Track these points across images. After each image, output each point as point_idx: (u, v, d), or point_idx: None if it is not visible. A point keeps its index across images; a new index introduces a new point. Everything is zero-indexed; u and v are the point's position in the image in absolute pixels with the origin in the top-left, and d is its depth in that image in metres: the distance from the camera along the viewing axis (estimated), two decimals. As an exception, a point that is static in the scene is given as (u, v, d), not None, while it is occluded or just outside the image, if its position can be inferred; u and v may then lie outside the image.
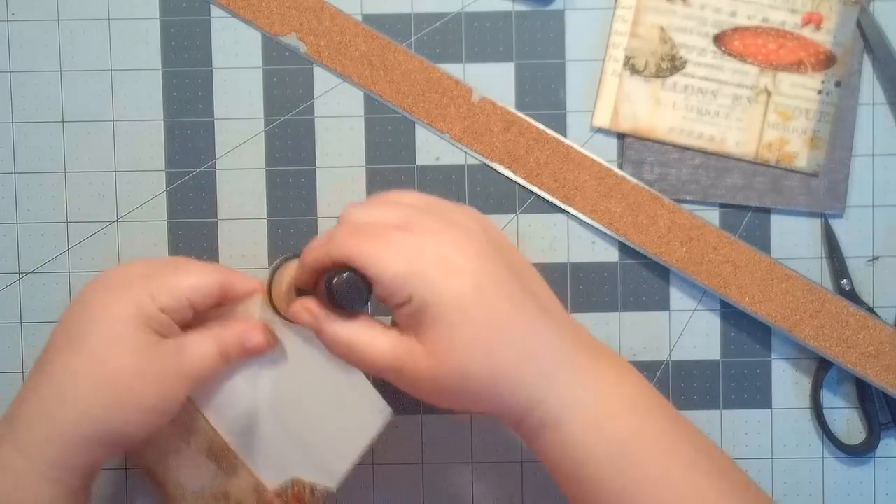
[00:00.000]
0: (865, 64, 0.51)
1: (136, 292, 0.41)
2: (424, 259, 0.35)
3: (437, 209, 0.38)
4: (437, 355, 0.36)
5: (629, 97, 0.51)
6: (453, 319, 0.35)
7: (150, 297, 0.41)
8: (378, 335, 0.37)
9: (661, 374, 0.52)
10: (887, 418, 0.51)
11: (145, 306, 0.40)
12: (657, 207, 0.51)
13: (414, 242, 0.36)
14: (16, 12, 0.52)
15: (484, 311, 0.35)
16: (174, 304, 0.41)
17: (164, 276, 0.42)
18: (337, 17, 0.51)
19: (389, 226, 0.37)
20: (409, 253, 0.36)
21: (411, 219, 0.37)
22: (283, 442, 0.44)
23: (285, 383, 0.44)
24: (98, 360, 0.40)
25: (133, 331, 0.40)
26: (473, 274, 0.36)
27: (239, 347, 0.43)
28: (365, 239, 0.36)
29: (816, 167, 0.51)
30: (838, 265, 0.51)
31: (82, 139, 0.52)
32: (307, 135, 0.52)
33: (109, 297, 0.41)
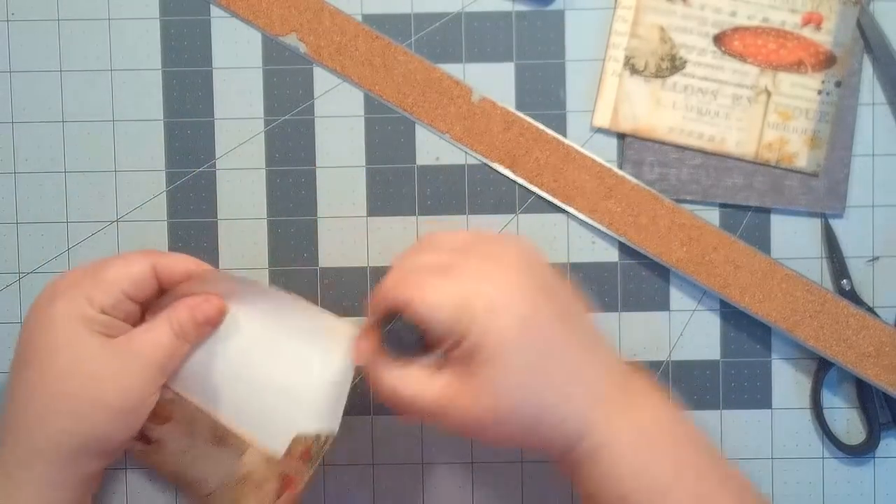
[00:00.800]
0: (865, 64, 0.51)
1: (73, 298, 0.41)
2: (469, 302, 0.36)
3: (480, 247, 0.39)
4: (483, 397, 0.36)
5: (629, 97, 0.51)
6: (500, 362, 0.36)
7: (86, 299, 0.41)
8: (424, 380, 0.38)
9: (661, 374, 0.52)
10: (887, 418, 0.51)
11: (84, 309, 0.40)
12: (657, 207, 0.51)
13: (458, 286, 0.37)
14: (16, 12, 0.52)
15: (529, 354, 0.36)
16: (111, 299, 0.41)
17: (95, 275, 0.42)
18: (337, 17, 0.51)
19: (434, 271, 0.37)
20: (454, 297, 0.36)
21: (455, 262, 0.38)
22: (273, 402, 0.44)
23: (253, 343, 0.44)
24: (52, 373, 0.40)
25: (79, 337, 0.40)
26: (518, 315, 0.36)
27: (192, 322, 0.42)
28: (409, 286, 0.37)
29: (816, 167, 0.51)
30: (838, 265, 0.51)
31: (82, 139, 0.52)
32: (307, 135, 0.52)
33: (52, 307, 0.41)
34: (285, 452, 0.44)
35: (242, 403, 0.44)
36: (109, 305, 0.41)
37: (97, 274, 0.42)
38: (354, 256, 0.52)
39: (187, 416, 0.44)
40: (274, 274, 0.52)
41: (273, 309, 0.44)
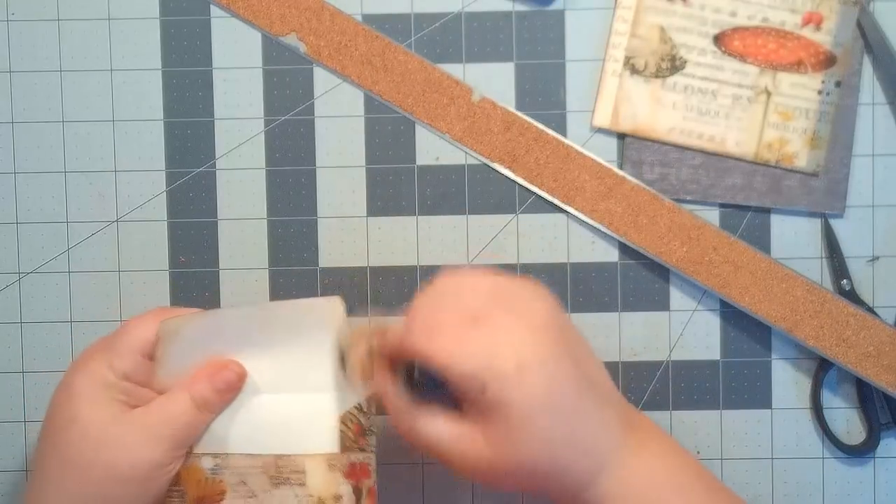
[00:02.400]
0: (865, 64, 0.51)
1: (94, 367, 0.41)
2: (499, 357, 0.36)
3: (505, 298, 0.39)
4: (499, 448, 0.37)
5: (629, 97, 0.51)
6: (521, 419, 0.36)
7: (107, 367, 0.41)
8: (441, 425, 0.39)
9: (661, 374, 0.52)
10: (887, 418, 0.51)
11: (105, 377, 0.41)
12: (657, 207, 0.51)
13: (486, 340, 0.37)
14: (16, 12, 0.52)
15: (550, 412, 0.37)
16: (130, 363, 0.41)
17: (112, 342, 0.42)
18: (337, 17, 0.51)
19: (461, 321, 0.37)
20: (482, 351, 0.36)
21: (482, 313, 0.38)
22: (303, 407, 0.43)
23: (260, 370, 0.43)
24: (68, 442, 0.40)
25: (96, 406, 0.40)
26: (547, 378, 0.37)
27: (213, 390, 0.42)
28: (438, 338, 0.37)
29: (816, 167, 0.51)
30: (838, 265, 0.51)
31: (82, 139, 0.52)
32: (307, 135, 0.52)
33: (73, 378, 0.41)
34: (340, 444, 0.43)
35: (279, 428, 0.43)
36: (129, 370, 0.41)
37: (114, 340, 0.42)
38: (354, 256, 0.52)
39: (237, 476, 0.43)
40: (274, 274, 0.52)
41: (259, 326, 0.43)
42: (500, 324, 0.37)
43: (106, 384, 0.41)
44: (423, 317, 0.39)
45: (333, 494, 0.43)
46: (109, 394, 0.41)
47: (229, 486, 0.42)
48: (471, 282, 0.40)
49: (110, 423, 0.40)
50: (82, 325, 0.52)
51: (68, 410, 0.41)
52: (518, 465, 0.37)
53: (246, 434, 0.43)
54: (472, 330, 0.37)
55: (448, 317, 0.38)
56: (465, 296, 0.39)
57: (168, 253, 0.52)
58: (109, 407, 0.40)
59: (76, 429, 0.40)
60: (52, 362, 0.52)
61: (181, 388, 0.42)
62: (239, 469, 0.43)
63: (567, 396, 0.37)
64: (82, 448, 0.40)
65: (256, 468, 0.43)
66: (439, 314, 0.38)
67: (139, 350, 0.42)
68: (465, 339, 0.37)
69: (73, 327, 0.52)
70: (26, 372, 0.52)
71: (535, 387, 0.36)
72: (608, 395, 0.40)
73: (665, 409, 0.52)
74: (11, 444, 0.52)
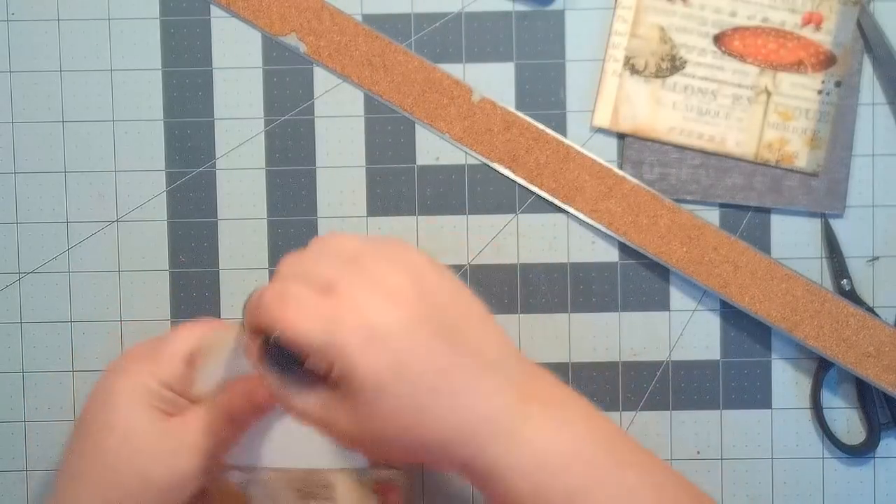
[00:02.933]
0: (865, 64, 0.51)
1: (136, 373, 0.41)
2: (344, 330, 0.34)
3: (367, 263, 0.36)
4: (358, 421, 0.35)
5: (629, 97, 0.51)
6: (372, 394, 0.34)
7: (149, 373, 0.41)
8: (309, 398, 0.36)
9: (661, 374, 0.52)
10: (887, 418, 0.51)
11: (148, 384, 0.41)
12: (657, 207, 0.51)
13: (335, 310, 0.34)
14: (16, 12, 0.52)
15: (405, 385, 0.34)
16: (174, 372, 0.42)
17: (157, 349, 0.42)
18: (337, 17, 0.51)
19: (313, 288, 0.35)
20: (328, 322, 0.34)
21: (337, 279, 0.35)
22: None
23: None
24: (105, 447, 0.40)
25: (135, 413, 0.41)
26: (395, 349, 0.34)
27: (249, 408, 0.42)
28: (286, 306, 0.35)
29: (816, 167, 0.51)
30: (838, 265, 0.51)
31: (82, 139, 0.52)
32: (307, 135, 0.52)
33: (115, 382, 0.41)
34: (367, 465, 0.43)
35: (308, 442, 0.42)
36: (172, 378, 0.41)
37: (158, 348, 0.42)
38: (354, 256, 0.52)
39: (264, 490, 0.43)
40: (274, 274, 0.52)
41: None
42: (350, 292, 0.35)
43: (148, 391, 0.41)
44: (278, 284, 0.36)
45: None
46: (149, 400, 0.41)
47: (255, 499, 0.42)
48: (341, 242, 0.37)
49: (148, 431, 0.40)
50: (82, 325, 0.52)
51: (108, 415, 0.41)
52: (381, 437, 0.35)
53: (275, 448, 0.43)
54: (320, 302, 0.35)
55: (299, 287, 0.36)
56: (324, 262, 0.36)
57: (168, 253, 0.52)
58: (148, 415, 0.41)
59: (116, 435, 0.40)
60: (52, 362, 0.52)
61: (218, 403, 0.42)
62: (266, 483, 0.43)
63: (424, 366, 0.34)
64: (120, 455, 0.40)
65: (284, 482, 0.43)
66: (293, 283, 0.36)
67: (182, 359, 0.42)
68: (311, 309, 0.35)
69: (73, 327, 0.52)
70: (26, 372, 0.52)
71: (381, 359, 0.34)
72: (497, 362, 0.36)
73: (665, 409, 0.52)
74: (11, 444, 0.52)
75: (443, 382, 0.35)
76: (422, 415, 0.35)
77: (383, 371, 0.34)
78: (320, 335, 0.34)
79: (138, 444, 0.40)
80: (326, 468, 0.43)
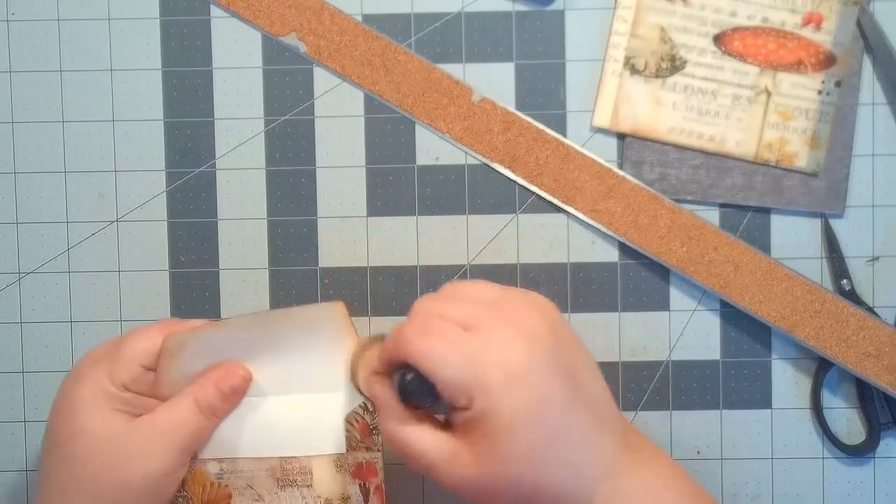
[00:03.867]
0: (865, 64, 0.51)
1: (94, 378, 0.41)
2: (487, 367, 0.35)
3: (505, 305, 0.38)
4: (485, 464, 0.36)
5: (629, 97, 0.51)
6: (508, 434, 0.35)
7: (108, 377, 0.41)
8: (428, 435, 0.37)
9: (661, 374, 0.52)
10: (887, 418, 0.51)
11: (106, 388, 0.40)
12: (657, 207, 0.51)
13: (477, 346, 0.35)
14: (16, 12, 0.52)
15: (539, 429, 0.35)
16: (130, 375, 0.41)
17: (113, 352, 0.42)
18: (337, 17, 0.51)
19: (455, 324, 0.36)
20: (472, 358, 0.35)
21: (477, 318, 0.37)
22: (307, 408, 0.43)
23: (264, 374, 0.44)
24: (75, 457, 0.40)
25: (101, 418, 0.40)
26: (533, 388, 0.35)
27: (219, 395, 0.42)
28: (429, 339, 0.36)
29: (816, 167, 0.51)
30: (838, 265, 0.51)
31: (82, 139, 0.52)
32: (307, 135, 0.52)
33: (75, 389, 0.41)
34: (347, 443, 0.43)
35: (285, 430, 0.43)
36: (130, 380, 0.41)
37: (115, 351, 0.42)
38: (354, 256, 0.52)
39: (243, 480, 0.43)
40: (274, 274, 0.52)
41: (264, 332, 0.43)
42: (492, 333, 0.36)
43: (107, 394, 0.40)
44: (419, 319, 0.38)
45: (341, 494, 0.43)
46: (111, 404, 0.40)
47: (235, 489, 0.42)
48: (473, 290, 0.39)
49: (116, 434, 0.40)
50: (82, 325, 0.52)
51: (71, 423, 0.40)
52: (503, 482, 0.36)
53: (251, 437, 0.43)
54: (463, 336, 0.36)
55: (442, 321, 0.37)
56: (464, 302, 0.38)
57: (168, 253, 0.52)
58: (113, 418, 0.40)
59: (81, 442, 0.40)
60: (52, 362, 0.52)
61: (186, 394, 0.42)
62: (245, 472, 0.43)
63: (556, 412, 0.36)
64: (90, 461, 0.40)
65: (263, 471, 0.43)
66: (435, 318, 0.37)
67: (140, 362, 0.41)
68: (455, 345, 0.36)
69: (73, 327, 0.52)
70: (26, 372, 0.52)
71: (521, 400, 0.35)
72: (605, 416, 0.38)
73: (665, 409, 0.52)
74: (11, 444, 0.52)
75: (569, 431, 0.36)
76: (548, 462, 0.35)
77: (522, 413, 0.35)
78: (463, 370, 0.35)
79: (108, 448, 0.40)
80: (303, 455, 0.43)
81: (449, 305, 0.38)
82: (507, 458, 0.35)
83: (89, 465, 0.40)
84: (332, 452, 0.43)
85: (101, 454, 0.40)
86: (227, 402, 0.42)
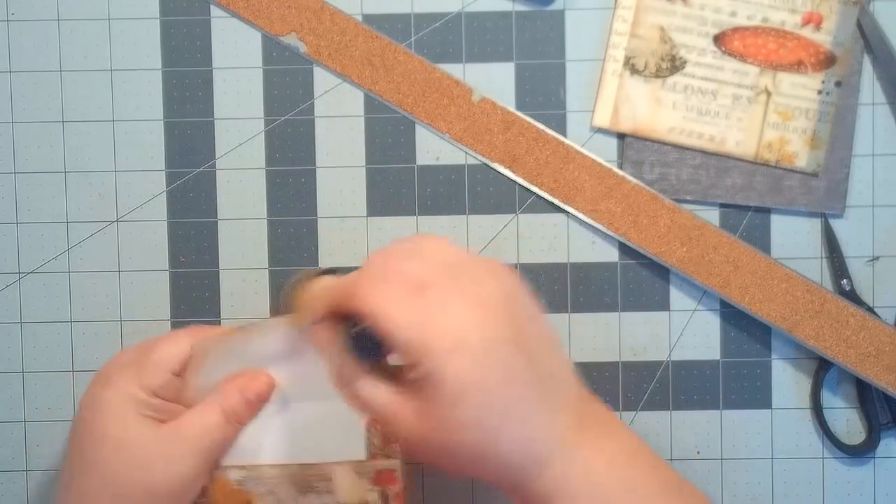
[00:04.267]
0: (865, 64, 0.51)
1: (124, 382, 0.41)
2: (436, 330, 0.35)
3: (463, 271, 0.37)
4: (429, 424, 0.35)
5: (629, 97, 0.51)
6: (451, 398, 0.35)
7: (137, 384, 0.41)
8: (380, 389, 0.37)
9: (661, 374, 0.52)
10: (887, 418, 0.51)
11: (135, 393, 0.41)
12: (657, 207, 0.51)
13: (429, 309, 0.35)
14: (16, 12, 0.52)
15: (481, 395, 0.35)
16: (160, 380, 0.41)
17: (143, 357, 0.42)
18: (337, 17, 0.51)
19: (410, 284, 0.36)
20: (422, 320, 0.35)
21: (433, 280, 0.36)
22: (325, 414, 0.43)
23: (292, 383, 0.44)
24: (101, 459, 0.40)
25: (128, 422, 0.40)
26: (481, 357, 0.35)
27: (243, 402, 0.42)
28: (383, 297, 0.35)
29: (816, 167, 0.51)
30: (838, 265, 0.51)
31: (82, 139, 0.52)
32: (307, 135, 0.52)
33: (104, 392, 0.41)
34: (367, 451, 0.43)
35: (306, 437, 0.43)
36: (159, 386, 0.41)
37: (145, 356, 0.42)
38: (354, 256, 0.52)
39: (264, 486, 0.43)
40: (274, 274, 0.52)
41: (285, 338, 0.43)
42: (445, 296, 0.35)
43: (136, 400, 0.41)
44: (374, 273, 0.37)
45: (361, 501, 0.43)
46: (138, 409, 0.41)
47: (256, 496, 0.42)
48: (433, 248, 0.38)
49: (142, 439, 0.40)
50: (82, 325, 0.52)
51: (99, 427, 0.40)
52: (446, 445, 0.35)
53: (273, 444, 0.43)
54: (415, 297, 0.35)
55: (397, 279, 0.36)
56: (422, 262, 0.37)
57: (168, 253, 0.52)
58: (140, 423, 0.40)
59: (108, 446, 0.40)
60: (52, 362, 0.52)
61: (211, 401, 0.42)
62: (266, 479, 0.43)
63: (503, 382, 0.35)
64: (117, 466, 0.40)
65: (284, 478, 0.43)
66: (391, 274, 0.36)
67: (169, 368, 0.42)
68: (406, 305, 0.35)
69: (73, 327, 0.52)
70: (26, 372, 0.52)
71: (467, 367, 0.34)
72: (561, 389, 0.37)
73: (665, 409, 0.52)
74: (11, 444, 0.52)
75: (517, 403, 0.36)
76: (492, 432, 0.35)
77: (468, 381, 0.34)
78: (413, 332, 0.35)
79: (134, 454, 0.40)
80: (324, 461, 0.43)
81: (406, 263, 0.37)
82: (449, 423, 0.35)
83: (114, 470, 0.40)
84: (353, 459, 0.43)
85: (126, 459, 0.40)
86: (251, 409, 0.42)
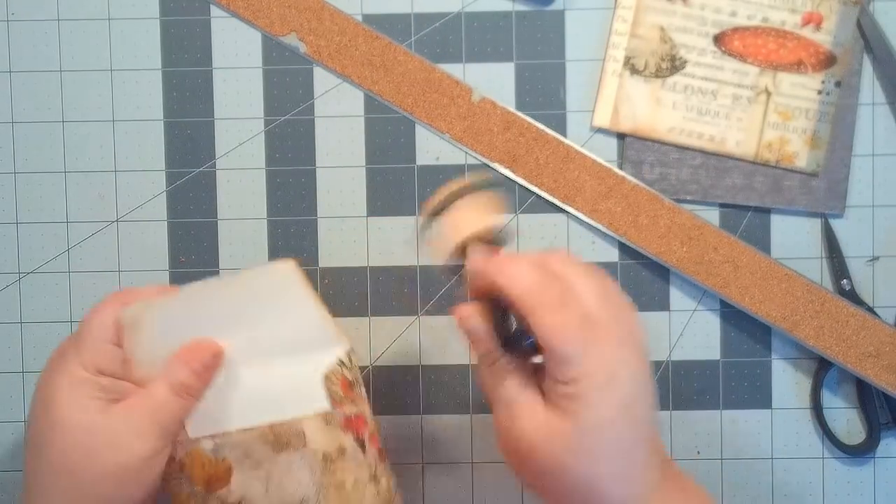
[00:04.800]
0: (865, 64, 0.51)
1: (65, 368, 0.40)
2: (601, 363, 0.36)
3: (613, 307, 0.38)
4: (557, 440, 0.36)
5: (629, 97, 0.51)
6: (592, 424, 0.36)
7: (79, 364, 0.40)
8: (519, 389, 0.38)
9: (661, 374, 0.52)
10: (887, 418, 0.51)
11: (79, 375, 0.40)
12: (657, 207, 0.51)
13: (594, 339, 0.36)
14: (16, 12, 0.52)
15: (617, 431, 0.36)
16: (101, 355, 0.40)
17: (77, 337, 0.41)
18: (337, 17, 0.51)
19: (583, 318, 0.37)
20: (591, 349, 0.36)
21: (599, 314, 0.37)
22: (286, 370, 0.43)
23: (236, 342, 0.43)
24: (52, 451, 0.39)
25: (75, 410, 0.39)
26: (627, 394, 0.36)
27: (191, 374, 0.41)
28: (561, 321, 0.36)
29: (816, 167, 0.51)
30: (838, 265, 0.51)
31: (82, 139, 0.52)
32: (307, 135, 0.52)
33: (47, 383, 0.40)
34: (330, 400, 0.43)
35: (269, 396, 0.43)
36: (102, 361, 0.40)
37: (78, 336, 0.41)
38: (354, 256, 0.52)
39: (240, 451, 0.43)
40: (274, 274, 0.52)
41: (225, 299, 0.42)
42: (610, 333, 0.37)
43: (81, 381, 0.40)
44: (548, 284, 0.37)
45: (337, 447, 0.43)
46: (86, 392, 0.40)
47: (234, 461, 0.42)
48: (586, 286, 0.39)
49: (91, 422, 0.39)
50: (82, 325, 0.52)
51: (48, 415, 0.40)
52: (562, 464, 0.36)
53: (238, 409, 0.43)
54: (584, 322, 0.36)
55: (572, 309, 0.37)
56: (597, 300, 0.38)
57: (168, 253, 0.52)
58: (88, 406, 0.39)
59: (59, 434, 0.39)
60: (52, 362, 0.52)
61: (160, 377, 0.41)
62: (239, 444, 0.43)
63: (635, 422, 0.37)
64: (69, 453, 0.39)
65: (255, 440, 0.43)
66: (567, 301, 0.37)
67: (105, 339, 0.40)
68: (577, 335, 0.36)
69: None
70: (26, 372, 0.52)
71: (615, 401, 0.36)
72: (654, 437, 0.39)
73: (665, 409, 0.52)
74: (11, 443, 0.52)
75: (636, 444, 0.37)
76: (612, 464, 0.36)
77: (613, 413, 0.36)
78: (581, 357, 0.36)
79: (85, 439, 0.39)
80: (291, 417, 0.43)
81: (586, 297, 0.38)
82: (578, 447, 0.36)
83: (67, 456, 0.39)
84: (318, 411, 0.43)
85: (77, 444, 0.39)
86: (201, 379, 0.42)
